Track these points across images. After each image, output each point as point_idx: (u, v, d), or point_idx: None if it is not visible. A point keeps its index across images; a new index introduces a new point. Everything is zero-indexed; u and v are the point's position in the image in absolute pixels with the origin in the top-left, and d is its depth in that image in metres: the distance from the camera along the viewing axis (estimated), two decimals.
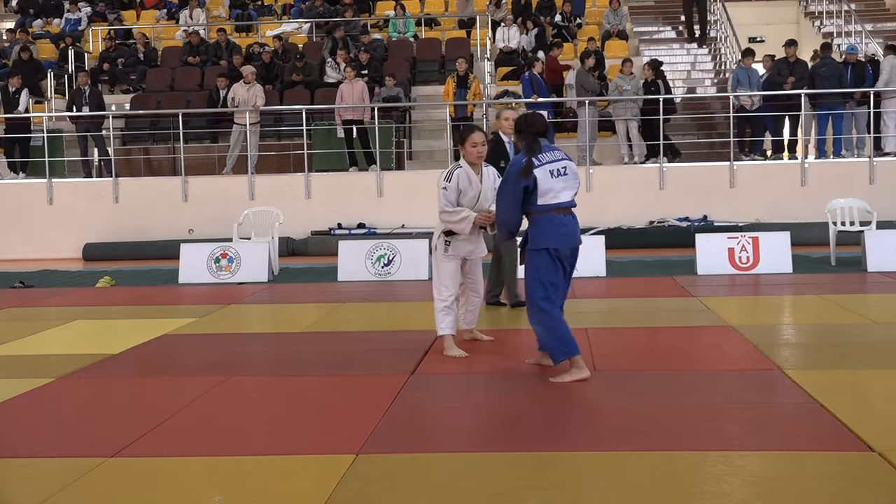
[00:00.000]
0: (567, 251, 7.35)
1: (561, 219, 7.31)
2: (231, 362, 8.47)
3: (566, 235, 7.32)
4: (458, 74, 19.03)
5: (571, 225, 7.37)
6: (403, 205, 17.90)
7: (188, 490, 5.19)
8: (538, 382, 7.43)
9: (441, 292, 8.42)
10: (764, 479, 5.12)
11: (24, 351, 9.27)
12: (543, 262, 7.31)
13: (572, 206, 7.39)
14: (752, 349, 8.37)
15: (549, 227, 7.28)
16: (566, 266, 7.41)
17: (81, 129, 19.19)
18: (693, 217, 17.25)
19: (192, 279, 14.28)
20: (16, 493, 5.22)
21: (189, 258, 14.43)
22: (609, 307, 11.16)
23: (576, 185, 7.40)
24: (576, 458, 5.49)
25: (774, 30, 25.74)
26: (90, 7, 25.70)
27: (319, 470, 5.38)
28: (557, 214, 7.30)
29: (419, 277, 13.77)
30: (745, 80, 18.56)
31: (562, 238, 7.29)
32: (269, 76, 20.74)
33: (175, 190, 18.30)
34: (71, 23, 25.02)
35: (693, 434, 5.93)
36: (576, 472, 5.26)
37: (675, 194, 17.44)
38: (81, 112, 19.07)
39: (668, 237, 16.76)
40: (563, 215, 7.33)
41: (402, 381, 7.43)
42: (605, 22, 23.84)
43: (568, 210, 7.36)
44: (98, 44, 24.24)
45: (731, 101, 18.49)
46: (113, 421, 6.79)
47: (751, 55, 18.89)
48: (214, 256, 14.35)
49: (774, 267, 13.55)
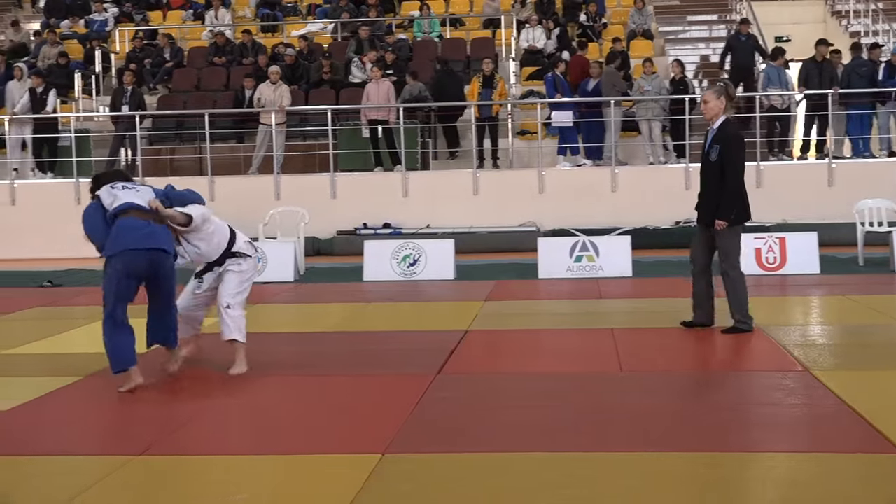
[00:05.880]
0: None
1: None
2: (256, 362, 8.49)
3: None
4: (484, 74, 19.01)
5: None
6: (429, 205, 17.90)
7: (214, 488, 5.21)
8: (564, 383, 7.42)
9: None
10: (792, 481, 5.10)
11: (52, 349, 9.34)
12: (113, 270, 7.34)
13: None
14: (780, 350, 8.33)
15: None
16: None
17: (121, 128, 19.29)
18: None
19: None
20: (45, 489, 5.26)
21: None
22: (635, 307, 11.14)
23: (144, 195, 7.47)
24: (602, 459, 5.48)
25: (801, 29, 25.58)
26: (117, 8, 25.83)
27: (345, 470, 5.39)
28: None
29: (445, 277, 13.77)
30: (776, 79, 18.45)
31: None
32: (294, 76, 20.79)
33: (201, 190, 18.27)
34: (97, 23, 25.14)
35: (720, 435, 5.91)
36: (602, 473, 5.26)
37: None
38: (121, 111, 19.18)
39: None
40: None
41: (427, 381, 7.43)
42: (631, 21, 23.77)
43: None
44: (124, 44, 24.35)
45: (761, 100, 18.38)
46: (140, 419, 6.83)
47: (781, 54, 18.80)
48: None
49: (802, 267, 13.46)
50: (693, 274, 9.35)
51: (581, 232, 14.70)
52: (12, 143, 19.30)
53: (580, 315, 10.73)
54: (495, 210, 17.60)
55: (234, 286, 7.97)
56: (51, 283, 14.24)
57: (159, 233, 7.35)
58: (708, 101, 9.13)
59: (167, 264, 7.43)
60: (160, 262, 7.36)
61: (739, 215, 9.10)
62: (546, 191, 17.80)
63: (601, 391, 7.12)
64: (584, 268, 13.58)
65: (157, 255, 7.32)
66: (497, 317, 10.55)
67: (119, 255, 7.27)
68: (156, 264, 7.35)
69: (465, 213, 17.62)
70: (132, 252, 7.25)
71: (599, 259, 13.71)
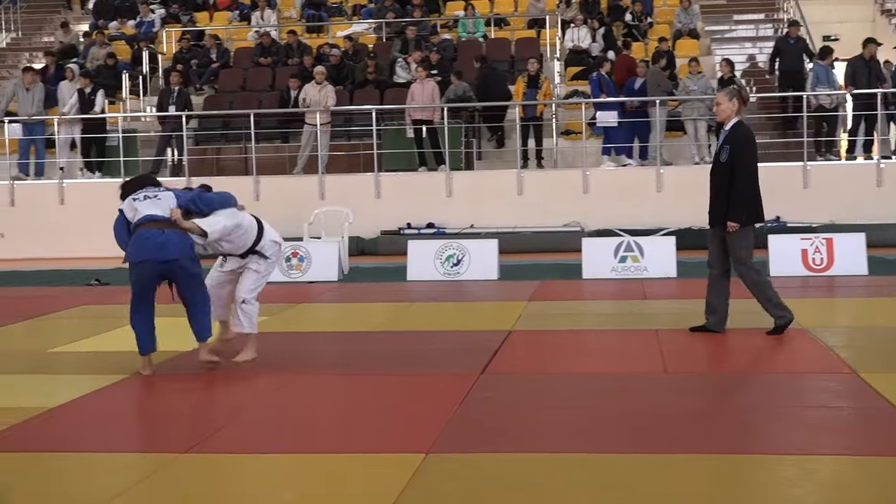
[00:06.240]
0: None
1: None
2: (301, 361, 8.54)
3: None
4: (529, 74, 18.98)
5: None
6: (472, 205, 17.89)
7: (258, 487, 5.24)
8: (608, 383, 7.39)
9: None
10: (838, 484, 5.05)
11: (99, 347, 9.43)
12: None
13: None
14: (826, 352, 8.25)
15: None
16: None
17: (168, 128, 19.46)
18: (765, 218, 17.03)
19: None
20: (91, 486, 5.32)
21: None
22: (680, 308, 11.06)
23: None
24: (646, 461, 5.45)
25: (849, 28, 25.33)
26: (164, 9, 26.05)
27: (388, 469, 5.40)
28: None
29: (488, 277, 13.76)
30: (824, 78, 18.28)
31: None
32: (339, 76, 20.86)
33: (246, 190, 18.47)
34: (145, 24, 25.37)
35: (766, 437, 5.87)
36: (646, 474, 5.23)
37: None
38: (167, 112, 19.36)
39: None
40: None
41: (471, 380, 7.43)
42: (676, 21, 23.64)
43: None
44: (171, 45, 24.55)
45: (809, 99, 18.21)
46: (186, 417, 6.88)
47: (829, 53, 18.62)
48: (285, 255, 14.47)
49: (849, 268, 13.30)
50: (710, 277, 9.30)
51: (626, 232, 14.63)
52: (61, 143, 19.54)
53: (624, 316, 10.69)
54: (539, 210, 17.57)
55: (251, 283, 8.30)
56: (98, 281, 14.40)
57: (173, 241, 7.74)
58: (720, 102, 9.14)
59: (182, 270, 7.81)
60: (173, 271, 7.81)
61: (750, 217, 9.06)
62: (590, 191, 17.74)
63: (645, 392, 7.09)
64: (628, 268, 13.52)
65: (169, 265, 7.75)
66: (541, 317, 10.53)
67: (134, 266, 7.80)
68: (169, 272, 7.82)
69: (509, 214, 17.60)
70: (144, 263, 7.74)
71: (644, 259, 13.64)
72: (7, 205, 18.84)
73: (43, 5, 28.44)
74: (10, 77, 23.80)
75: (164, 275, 7.81)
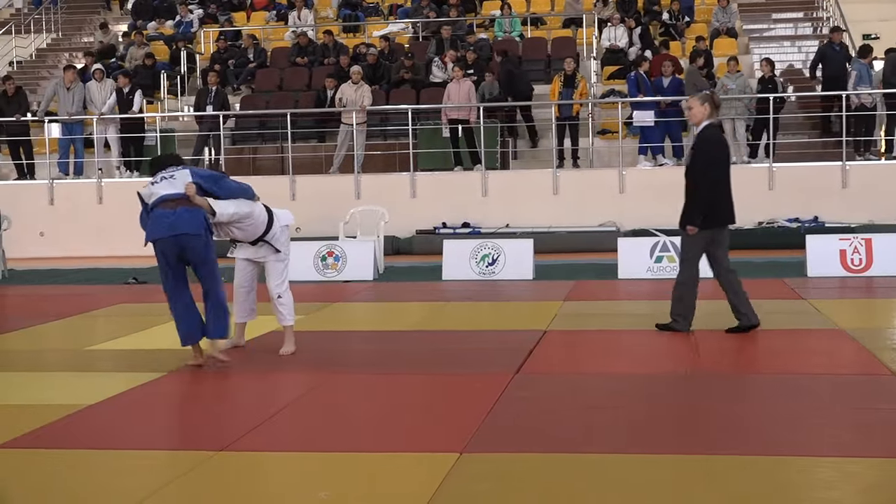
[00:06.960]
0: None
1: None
2: (336, 360, 8.57)
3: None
4: (566, 73, 18.94)
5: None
6: (508, 204, 17.87)
7: (294, 485, 5.26)
8: (641, 383, 7.36)
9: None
10: (876, 486, 5.01)
11: (136, 345, 9.50)
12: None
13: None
14: (865, 353, 8.18)
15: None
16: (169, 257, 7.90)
17: (205, 128, 19.58)
18: (803, 218, 16.91)
19: (298, 277, 14.38)
20: (125, 484, 5.35)
21: (296, 256, 14.57)
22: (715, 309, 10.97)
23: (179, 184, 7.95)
24: (682, 461, 5.43)
25: (889, 26, 25.09)
26: (202, 9, 26.21)
27: (423, 468, 5.41)
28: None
29: (523, 277, 13.73)
30: (866, 77, 18.12)
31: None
32: (374, 76, 20.90)
33: (283, 189, 18.54)
34: (183, 25, 25.53)
35: (803, 439, 5.82)
36: (682, 475, 5.20)
37: (784, 194, 17.10)
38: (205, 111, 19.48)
39: (776, 238, 16.43)
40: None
41: (506, 380, 7.42)
42: (714, 20, 23.51)
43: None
44: (209, 45, 24.69)
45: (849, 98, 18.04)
46: (221, 415, 6.91)
47: (870, 52, 18.45)
48: (321, 255, 14.51)
49: (888, 269, 13.16)
50: (718, 281, 9.26)
51: (662, 232, 14.56)
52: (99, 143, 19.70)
53: (660, 316, 10.63)
54: (575, 210, 17.52)
55: (278, 275, 8.70)
56: (136, 279, 14.49)
57: (184, 218, 7.84)
58: (692, 106, 9.27)
59: (195, 245, 7.89)
60: (187, 245, 7.86)
61: (707, 220, 9.05)
62: (626, 190, 17.68)
63: (680, 393, 7.05)
64: (664, 268, 13.45)
65: (182, 238, 7.84)
66: (576, 317, 10.51)
67: (154, 244, 7.91)
68: (183, 247, 7.86)
69: (544, 213, 17.57)
70: (160, 241, 7.85)
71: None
72: (47, 204, 19.02)
73: (82, 6, 28.68)
74: (50, 77, 24.04)
75: (179, 251, 7.86)
